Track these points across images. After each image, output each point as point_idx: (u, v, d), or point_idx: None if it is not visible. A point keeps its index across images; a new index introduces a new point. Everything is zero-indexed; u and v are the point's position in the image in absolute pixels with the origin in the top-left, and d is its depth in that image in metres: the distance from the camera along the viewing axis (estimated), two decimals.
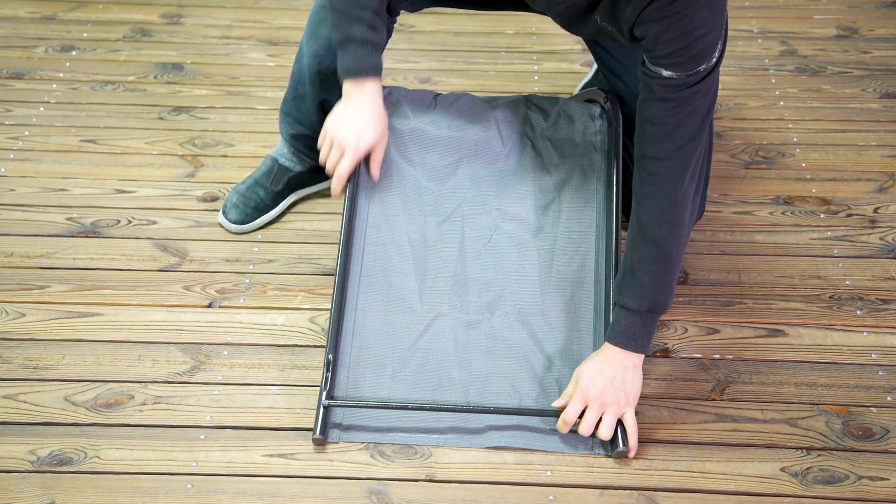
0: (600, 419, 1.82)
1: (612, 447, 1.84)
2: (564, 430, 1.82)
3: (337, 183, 1.93)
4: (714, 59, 1.72)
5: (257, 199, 2.26)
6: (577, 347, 1.94)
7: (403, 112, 2.08)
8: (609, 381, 1.82)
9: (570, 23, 1.91)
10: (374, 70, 1.91)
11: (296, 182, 2.30)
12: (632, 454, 1.83)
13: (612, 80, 2.17)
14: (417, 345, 1.95)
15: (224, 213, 2.25)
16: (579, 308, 1.97)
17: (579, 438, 1.86)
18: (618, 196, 2.02)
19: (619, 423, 1.84)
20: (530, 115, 2.12)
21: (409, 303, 1.98)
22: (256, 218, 2.26)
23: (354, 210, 2.02)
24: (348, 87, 1.92)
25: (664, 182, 1.80)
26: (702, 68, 1.72)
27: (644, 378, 1.98)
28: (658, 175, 1.79)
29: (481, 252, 2.04)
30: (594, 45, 2.20)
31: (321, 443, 1.85)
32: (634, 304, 1.82)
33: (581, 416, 1.82)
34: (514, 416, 1.87)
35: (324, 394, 1.87)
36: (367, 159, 2.00)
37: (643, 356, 1.84)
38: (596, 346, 1.93)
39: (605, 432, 1.81)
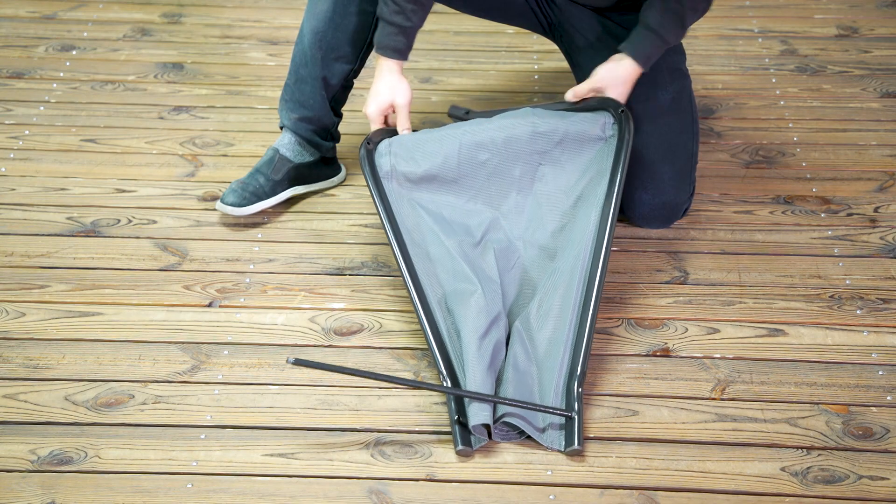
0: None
1: (566, 444, 1.84)
2: (571, 97, 2.16)
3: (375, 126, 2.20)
4: None
5: (256, 185, 2.26)
6: (555, 352, 1.94)
7: (413, 159, 2.12)
8: (621, 87, 2.13)
9: None
10: (394, 52, 2.15)
11: (294, 175, 2.31)
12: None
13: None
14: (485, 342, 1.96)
15: (222, 198, 2.25)
16: (564, 311, 1.97)
17: (541, 427, 1.87)
18: (614, 212, 2.02)
19: (578, 423, 1.85)
20: (537, 131, 2.12)
21: (479, 305, 1.98)
22: (254, 202, 2.26)
23: (403, 245, 2.06)
24: (376, 59, 2.18)
25: None
26: None
27: (644, 378, 1.98)
28: None
29: (508, 273, 2.07)
30: (569, 39, 2.30)
31: (468, 454, 1.84)
32: (671, 37, 2.13)
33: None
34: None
35: (452, 406, 1.87)
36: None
37: (640, 73, 2.15)
38: (567, 346, 1.93)
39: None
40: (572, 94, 2.16)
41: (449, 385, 1.89)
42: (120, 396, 1.94)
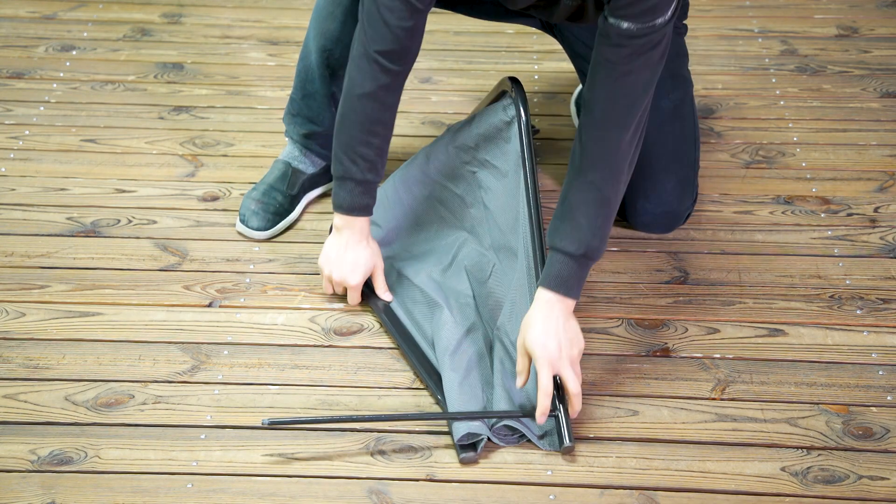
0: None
1: (559, 443, 1.84)
2: (546, 399, 1.81)
3: (353, 299, 2.09)
4: (668, 15, 1.79)
5: (276, 203, 2.26)
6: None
7: (374, 223, 2.16)
8: (557, 338, 1.82)
9: (543, 9, 1.97)
10: (366, 210, 2.02)
11: (309, 184, 2.31)
12: (575, 413, 1.84)
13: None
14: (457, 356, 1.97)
15: (244, 221, 2.24)
16: (525, 309, 1.97)
17: (538, 434, 1.87)
18: (535, 186, 2.02)
19: (565, 421, 1.84)
20: (454, 145, 2.16)
21: (447, 323, 2.00)
22: (278, 223, 2.26)
23: (386, 309, 2.10)
24: (339, 221, 2.04)
25: (610, 126, 1.83)
26: (658, 21, 1.78)
27: (644, 378, 1.98)
28: (604, 119, 1.83)
29: (485, 284, 2.07)
30: (569, 46, 2.25)
31: (472, 460, 1.83)
32: (571, 247, 1.84)
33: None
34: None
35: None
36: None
37: (574, 303, 1.86)
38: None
39: (573, 386, 1.83)
40: (520, 380, 1.86)
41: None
42: (120, 396, 1.94)
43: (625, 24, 1.78)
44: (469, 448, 1.83)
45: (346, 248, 2.04)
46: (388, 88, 1.95)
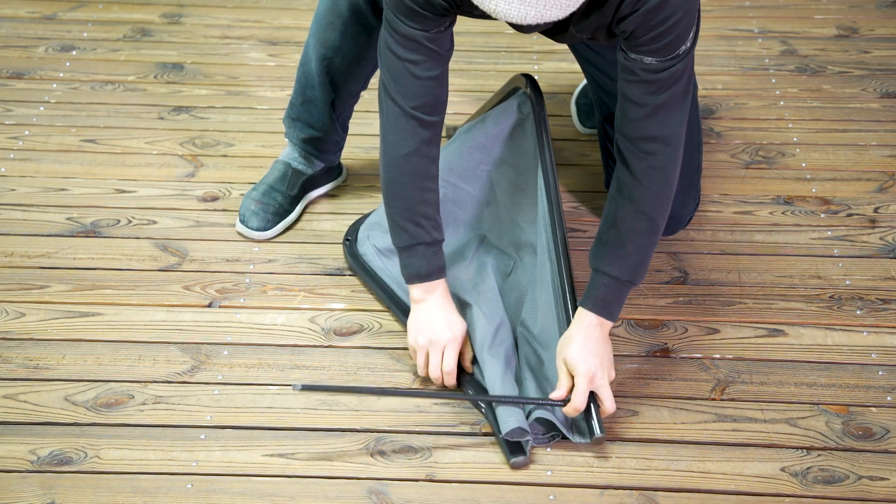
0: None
1: (590, 434, 1.84)
2: (575, 413, 1.84)
3: (449, 379, 1.93)
4: (690, 41, 1.77)
5: (276, 204, 2.26)
6: (552, 346, 1.93)
7: (387, 231, 2.09)
8: (598, 356, 1.84)
9: (551, 35, 1.94)
10: (442, 271, 1.94)
11: (308, 185, 2.31)
12: (607, 414, 1.86)
13: (596, 74, 2.18)
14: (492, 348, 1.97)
15: (244, 222, 2.24)
16: (548, 304, 1.97)
17: (568, 424, 1.87)
18: (555, 183, 2.02)
19: (596, 412, 1.84)
20: (466, 146, 2.15)
21: (479, 319, 1.99)
22: (277, 223, 2.26)
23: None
24: (418, 292, 1.94)
25: (662, 159, 1.83)
26: (681, 50, 1.76)
27: (644, 378, 1.98)
28: (655, 154, 1.82)
29: (507, 279, 2.08)
30: (574, 46, 2.24)
31: (523, 463, 1.82)
32: (618, 272, 1.85)
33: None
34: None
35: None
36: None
37: (611, 325, 1.87)
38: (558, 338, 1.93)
39: (610, 405, 1.85)
40: (573, 408, 1.84)
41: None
42: (120, 397, 1.94)
43: (648, 59, 1.76)
44: (518, 452, 1.83)
45: (437, 311, 1.93)
46: (430, 141, 1.90)
